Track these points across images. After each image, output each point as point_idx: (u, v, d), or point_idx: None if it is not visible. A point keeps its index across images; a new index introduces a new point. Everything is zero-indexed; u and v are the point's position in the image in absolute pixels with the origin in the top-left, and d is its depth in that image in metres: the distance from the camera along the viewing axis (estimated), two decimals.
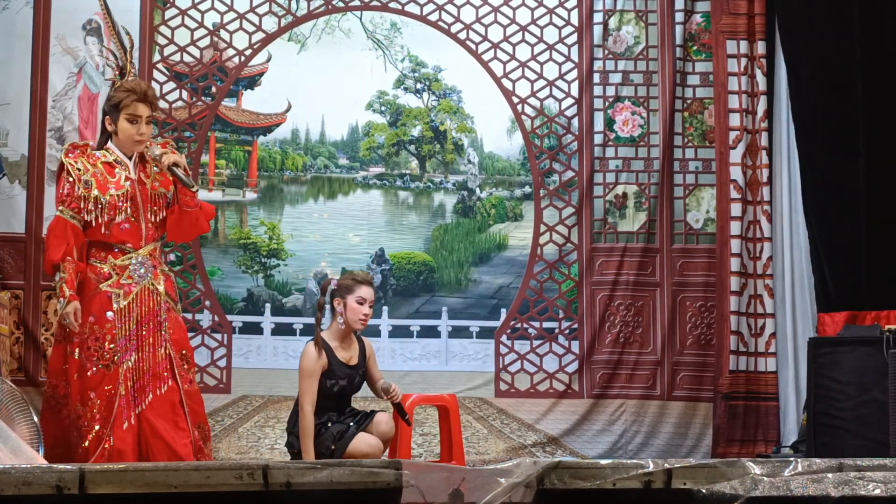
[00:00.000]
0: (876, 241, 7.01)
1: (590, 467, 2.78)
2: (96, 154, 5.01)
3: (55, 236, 4.87)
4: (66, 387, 4.89)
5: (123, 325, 4.86)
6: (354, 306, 5.53)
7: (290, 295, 7.62)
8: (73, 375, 4.85)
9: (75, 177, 4.91)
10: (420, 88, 7.92)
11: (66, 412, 4.90)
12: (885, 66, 7.07)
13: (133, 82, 5.04)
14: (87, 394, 4.80)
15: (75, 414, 4.83)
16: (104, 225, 4.89)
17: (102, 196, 4.88)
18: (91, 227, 4.90)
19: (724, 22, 7.79)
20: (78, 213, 4.87)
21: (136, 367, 4.85)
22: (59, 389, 4.92)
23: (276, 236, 7.68)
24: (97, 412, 4.78)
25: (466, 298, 7.78)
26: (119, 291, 4.88)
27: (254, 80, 7.81)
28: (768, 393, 7.60)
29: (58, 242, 4.84)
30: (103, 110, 5.07)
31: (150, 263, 4.97)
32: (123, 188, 4.93)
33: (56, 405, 4.94)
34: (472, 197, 7.91)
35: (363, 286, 5.56)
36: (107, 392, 4.79)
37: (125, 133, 4.97)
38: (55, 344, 4.99)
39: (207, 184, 7.71)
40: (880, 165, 7.04)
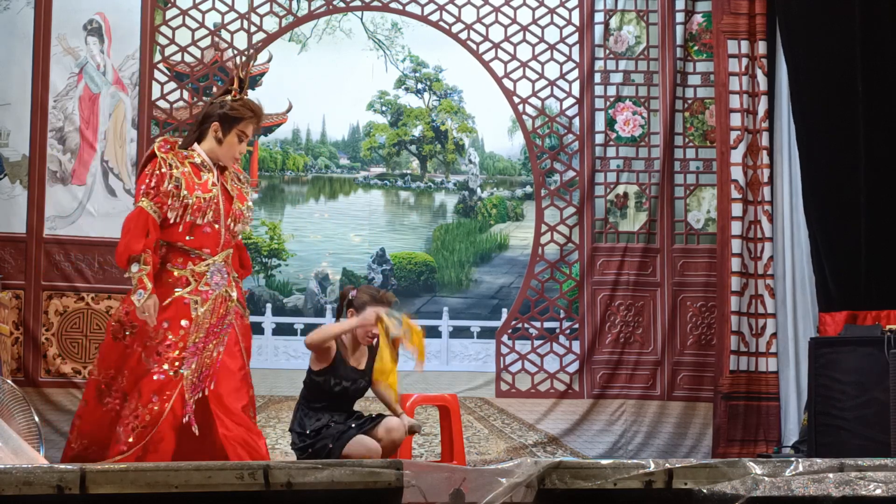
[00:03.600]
0: (876, 241, 7.01)
1: (591, 467, 2.78)
2: (183, 153, 4.86)
3: (136, 227, 4.66)
4: (122, 381, 4.71)
5: (195, 334, 4.72)
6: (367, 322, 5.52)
7: (290, 295, 7.62)
8: (136, 375, 4.67)
9: (167, 172, 4.74)
10: (421, 88, 7.92)
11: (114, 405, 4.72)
12: (886, 66, 7.06)
13: (255, 103, 4.95)
14: (150, 397, 4.65)
15: (130, 411, 4.66)
16: (187, 227, 4.75)
17: (190, 196, 4.74)
18: (170, 227, 4.74)
19: (725, 22, 7.79)
20: (160, 207, 4.70)
21: (197, 371, 4.71)
22: (117, 381, 4.73)
23: (277, 236, 7.68)
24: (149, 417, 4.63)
25: (467, 298, 7.78)
26: (197, 298, 4.74)
27: (255, 81, 7.81)
28: (769, 393, 7.60)
29: (139, 234, 4.65)
30: (212, 115, 4.86)
31: (224, 271, 4.87)
32: (211, 192, 4.81)
33: (105, 396, 4.74)
34: (473, 197, 7.91)
35: (381, 302, 5.54)
36: (166, 398, 4.65)
37: (230, 146, 4.88)
38: (115, 339, 4.74)
39: None
40: (881, 165, 7.04)
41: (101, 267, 7.40)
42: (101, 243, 7.42)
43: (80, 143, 7.45)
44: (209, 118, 4.87)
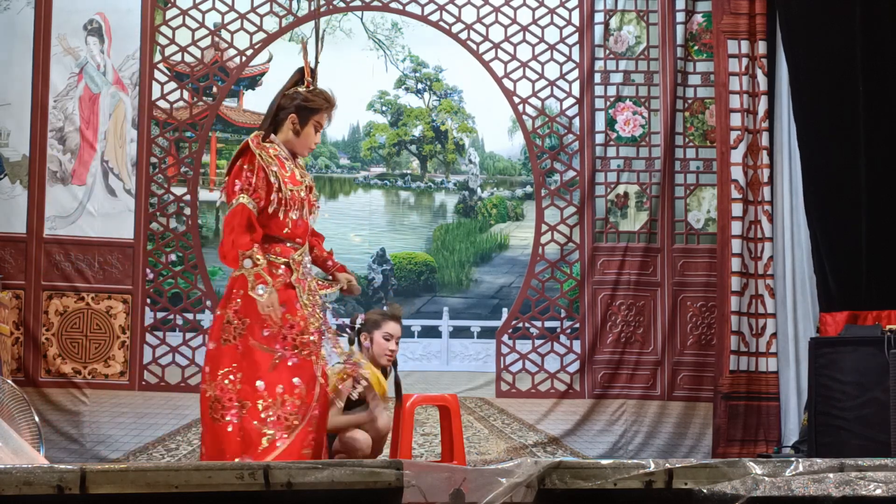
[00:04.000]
0: (877, 241, 7.01)
1: (591, 467, 2.78)
2: (266, 146, 4.78)
3: (239, 223, 4.59)
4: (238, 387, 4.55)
5: (307, 321, 4.70)
6: (381, 342, 5.52)
7: None
8: (258, 372, 4.55)
9: (263, 166, 4.67)
10: (421, 88, 7.92)
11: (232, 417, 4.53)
12: (886, 66, 7.06)
13: (330, 93, 4.95)
14: (291, 381, 4.58)
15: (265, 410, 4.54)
16: (284, 219, 4.71)
17: (284, 189, 4.70)
18: (268, 219, 4.67)
19: (725, 22, 7.79)
20: (259, 202, 4.63)
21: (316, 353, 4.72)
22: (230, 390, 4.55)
23: None
24: (299, 402, 4.57)
25: (467, 298, 7.78)
26: (300, 286, 4.74)
27: (255, 81, 7.81)
28: (769, 393, 7.60)
29: (242, 230, 4.58)
30: (288, 106, 4.82)
31: (307, 259, 4.91)
32: (301, 184, 4.81)
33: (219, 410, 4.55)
34: (474, 197, 7.91)
35: (390, 322, 5.53)
36: (308, 378, 4.62)
37: (307, 138, 4.85)
38: (223, 344, 4.58)
39: (209, 184, 7.71)
40: (881, 165, 7.04)
41: (102, 267, 7.40)
42: (102, 243, 7.42)
43: (80, 143, 7.45)
44: (285, 110, 4.83)
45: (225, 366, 4.57)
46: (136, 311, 7.44)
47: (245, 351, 4.57)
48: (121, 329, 7.40)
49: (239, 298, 4.59)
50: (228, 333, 4.60)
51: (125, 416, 7.32)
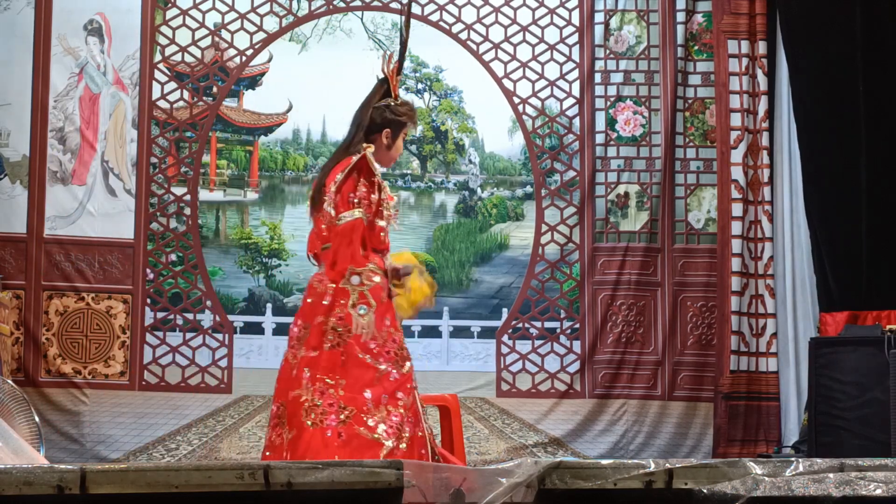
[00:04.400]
0: (877, 241, 7.01)
1: (591, 467, 2.78)
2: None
3: (356, 238, 4.57)
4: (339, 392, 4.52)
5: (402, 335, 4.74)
6: None
7: (291, 295, 7.62)
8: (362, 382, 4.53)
9: (378, 181, 4.64)
10: (421, 88, 7.92)
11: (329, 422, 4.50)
12: (887, 65, 7.06)
13: (413, 104, 4.96)
14: (395, 395, 4.57)
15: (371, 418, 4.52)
16: (384, 232, 4.70)
17: (390, 203, 4.72)
18: (374, 232, 4.64)
19: (726, 22, 7.79)
20: (370, 216, 4.60)
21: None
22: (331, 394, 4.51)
23: (278, 236, 7.68)
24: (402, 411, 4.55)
25: (468, 298, 7.78)
26: (393, 297, 4.74)
27: (255, 81, 7.81)
28: (769, 393, 7.60)
29: (360, 245, 4.56)
30: (383, 121, 4.76)
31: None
32: (393, 198, 4.79)
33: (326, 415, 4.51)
34: (474, 197, 7.91)
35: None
36: (409, 389, 4.61)
37: (397, 151, 4.84)
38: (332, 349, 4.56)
39: (209, 184, 7.71)
40: (882, 165, 7.04)
41: (102, 267, 7.41)
42: (102, 243, 7.43)
43: (80, 143, 7.45)
44: (377, 124, 4.78)
45: (326, 372, 4.55)
46: (137, 311, 7.44)
47: (348, 359, 4.56)
48: (121, 329, 7.40)
49: (342, 308, 4.56)
50: (332, 340, 4.58)
51: (125, 416, 7.33)
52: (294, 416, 4.52)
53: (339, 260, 4.54)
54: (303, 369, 4.57)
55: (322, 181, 4.69)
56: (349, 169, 4.62)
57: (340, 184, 4.61)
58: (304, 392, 4.53)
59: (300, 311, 4.71)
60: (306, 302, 4.66)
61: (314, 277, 4.69)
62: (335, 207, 4.59)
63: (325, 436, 4.46)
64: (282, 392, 4.62)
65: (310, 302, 4.64)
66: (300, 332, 4.65)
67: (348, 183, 4.61)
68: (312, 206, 4.73)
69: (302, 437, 4.48)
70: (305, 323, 4.63)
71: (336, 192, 4.59)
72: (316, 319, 4.59)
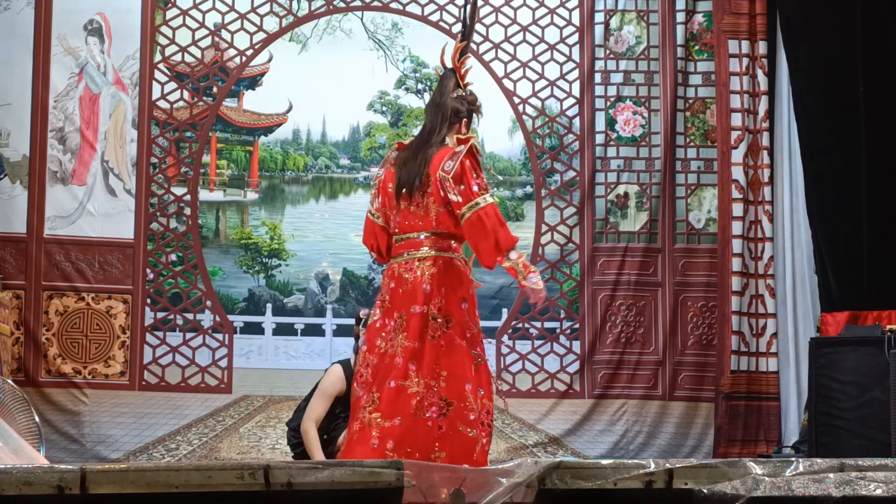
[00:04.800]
0: (878, 241, 7.00)
1: (591, 467, 2.78)
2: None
3: (501, 220, 4.69)
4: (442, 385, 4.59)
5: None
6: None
7: (291, 295, 7.62)
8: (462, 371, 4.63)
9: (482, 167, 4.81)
10: (421, 89, 7.92)
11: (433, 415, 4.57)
12: (887, 65, 7.06)
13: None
14: (490, 383, 4.72)
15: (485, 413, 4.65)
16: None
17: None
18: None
19: (726, 22, 7.79)
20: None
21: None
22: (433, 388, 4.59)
23: (278, 236, 7.68)
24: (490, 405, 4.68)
25: None
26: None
27: (255, 81, 7.81)
28: (770, 393, 7.60)
29: (505, 225, 4.69)
30: (461, 110, 4.85)
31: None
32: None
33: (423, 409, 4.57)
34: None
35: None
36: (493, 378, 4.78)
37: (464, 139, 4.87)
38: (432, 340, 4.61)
39: (209, 184, 7.71)
40: (882, 165, 7.03)
41: (102, 267, 7.41)
42: (102, 243, 7.42)
43: (80, 143, 7.45)
44: (458, 114, 4.85)
45: (429, 363, 4.59)
46: (137, 311, 7.44)
47: (448, 349, 4.61)
48: (121, 329, 7.40)
49: (441, 297, 4.63)
50: (433, 330, 4.62)
51: (125, 416, 7.33)
52: (400, 406, 4.55)
53: (501, 240, 4.61)
54: (407, 361, 4.60)
55: (423, 171, 4.69)
56: (460, 158, 4.66)
57: (456, 174, 4.65)
58: (412, 384, 4.58)
59: (393, 303, 4.68)
60: (396, 291, 4.68)
61: (400, 266, 4.71)
62: (465, 196, 4.63)
63: (426, 426, 4.54)
64: (380, 382, 4.62)
65: (401, 292, 4.67)
66: (395, 321, 4.66)
67: (466, 171, 4.66)
68: (405, 194, 4.73)
69: (407, 426, 4.54)
70: (400, 312, 4.65)
71: (455, 182, 4.64)
72: (414, 308, 4.63)
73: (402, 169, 4.78)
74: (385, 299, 4.73)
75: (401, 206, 4.75)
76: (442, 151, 4.71)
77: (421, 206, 4.72)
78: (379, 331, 4.70)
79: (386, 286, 4.74)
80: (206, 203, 7.69)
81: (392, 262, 4.78)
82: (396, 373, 4.59)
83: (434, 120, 4.83)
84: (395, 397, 4.57)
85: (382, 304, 4.75)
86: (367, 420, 4.58)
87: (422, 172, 4.69)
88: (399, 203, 4.75)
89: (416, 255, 4.71)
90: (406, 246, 4.74)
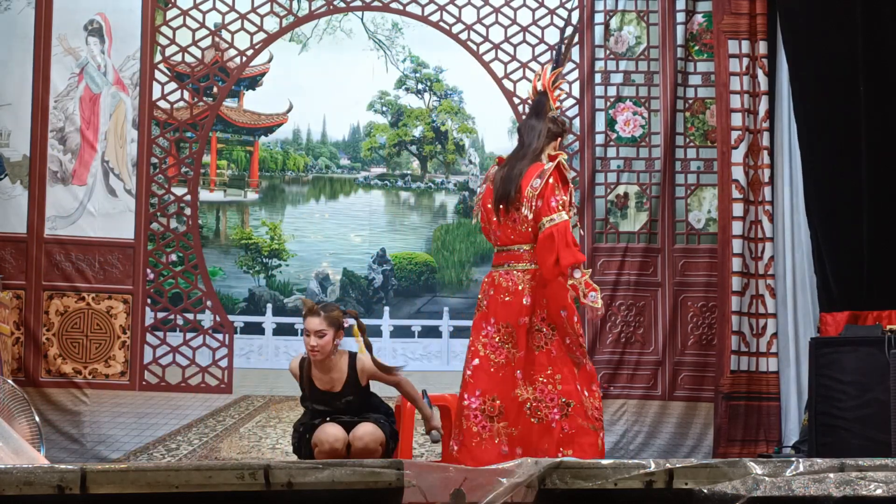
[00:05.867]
0: (878, 241, 7.00)
1: (591, 467, 2.78)
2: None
3: (571, 238, 5.08)
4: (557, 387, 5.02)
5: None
6: (305, 339, 5.50)
7: (291, 295, 7.62)
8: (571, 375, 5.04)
9: (571, 185, 5.22)
10: (421, 89, 7.92)
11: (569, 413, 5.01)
12: (887, 66, 7.06)
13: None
14: (597, 384, 5.18)
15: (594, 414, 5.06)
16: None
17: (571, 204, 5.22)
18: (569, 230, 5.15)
19: (726, 22, 7.79)
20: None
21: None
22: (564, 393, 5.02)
23: (278, 236, 7.68)
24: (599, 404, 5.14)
25: (468, 298, 7.78)
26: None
27: (255, 81, 7.81)
28: (770, 393, 7.60)
29: (574, 243, 5.09)
30: (555, 131, 5.28)
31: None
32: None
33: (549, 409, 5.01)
34: (474, 197, 7.91)
35: (306, 318, 5.47)
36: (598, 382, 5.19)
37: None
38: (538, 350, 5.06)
39: (209, 184, 7.71)
40: (883, 164, 7.03)
41: (102, 267, 7.41)
42: (102, 243, 7.42)
43: (80, 143, 7.46)
44: (552, 133, 5.26)
45: (542, 370, 5.02)
46: (137, 311, 7.44)
47: (559, 354, 5.03)
48: (121, 329, 7.40)
49: (543, 308, 5.06)
50: (540, 340, 5.04)
51: (126, 416, 7.33)
52: (517, 415, 4.98)
53: (562, 258, 4.98)
54: (523, 370, 5.02)
55: (516, 186, 5.08)
56: (547, 175, 5.08)
57: (541, 189, 5.06)
58: (523, 391, 5.01)
59: (494, 311, 5.11)
60: (495, 299, 5.12)
61: (500, 276, 5.15)
62: (538, 211, 5.04)
63: (550, 428, 4.96)
64: (501, 391, 5.03)
65: (501, 300, 5.09)
66: (500, 332, 5.09)
67: (549, 188, 5.06)
68: (502, 209, 5.13)
69: (531, 432, 4.97)
70: (506, 323, 5.07)
71: (537, 198, 5.04)
72: (520, 320, 5.03)
73: (500, 184, 5.18)
74: (483, 304, 5.19)
75: (500, 219, 5.15)
76: (533, 168, 5.11)
77: (518, 220, 5.12)
78: (478, 333, 5.14)
79: (485, 292, 5.19)
80: (207, 203, 7.69)
81: (493, 269, 5.22)
82: (515, 383, 5.01)
83: (530, 138, 5.23)
84: (520, 406, 4.98)
85: (479, 307, 5.19)
86: (496, 429, 5.01)
87: (516, 187, 5.09)
88: (498, 217, 5.15)
89: (517, 267, 5.13)
90: (507, 257, 5.17)
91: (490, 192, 5.22)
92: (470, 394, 5.05)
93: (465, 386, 5.10)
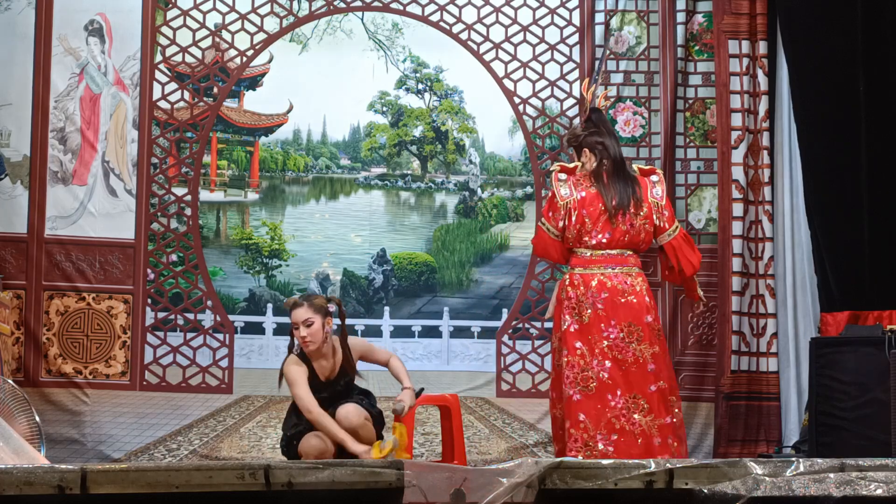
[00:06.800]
0: (879, 241, 7.00)
1: (591, 467, 2.78)
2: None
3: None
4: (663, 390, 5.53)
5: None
6: (294, 332, 5.55)
7: (291, 295, 7.62)
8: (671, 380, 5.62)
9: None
10: (421, 89, 7.92)
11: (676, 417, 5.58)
12: (887, 66, 7.06)
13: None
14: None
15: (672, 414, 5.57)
16: None
17: None
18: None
19: (726, 22, 7.79)
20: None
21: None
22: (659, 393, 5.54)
23: (278, 237, 7.68)
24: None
25: (468, 299, 7.79)
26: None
27: (255, 81, 7.82)
28: (770, 393, 7.59)
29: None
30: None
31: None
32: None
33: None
34: (474, 197, 7.91)
35: (292, 312, 5.54)
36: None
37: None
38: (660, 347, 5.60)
39: (209, 184, 7.71)
40: (883, 164, 7.03)
41: (102, 267, 7.41)
42: (102, 243, 7.43)
43: (81, 143, 7.46)
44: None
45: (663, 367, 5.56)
46: (137, 311, 7.44)
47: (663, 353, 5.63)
48: (122, 329, 7.41)
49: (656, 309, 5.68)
50: (660, 339, 5.62)
51: (126, 416, 7.33)
52: (665, 405, 5.45)
53: (694, 262, 5.73)
54: (655, 365, 5.47)
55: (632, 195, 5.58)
56: (664, 187, 5.72)
57: (666, 199, 5.67)
58: (662, 384, 5.48)
59: (613, 312, 5.48)
60: (627, 302, 5.53)
61: (610, 278, 5.54)
62: (667, 220, 5.69)
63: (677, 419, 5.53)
64: (639, 387, 5.43)
65: (635, 302, 5.50)
66: (624, 331, 5.47)
67: (667, 198, 5.69)
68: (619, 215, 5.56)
69: (673, 420, 5.47)
70: (629, 322, 5.46)
71: (665, 207, 5.67)
72: (646, 319, 5.50)
73: (613, 191, 5.55)
74: (588, 308, 5.47)
75: (614, 224, 5.52)
76: (641, 178, 5.67)
77: (634, 226, 5.56)
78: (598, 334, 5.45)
79: (591, 294, 5.50)
80: (207, 203, 7.69)
81: (591, 272, 5.54)
82: (651, 377, 5.44)
83: (616, 150, 5.68)
84: (660, 399, 5.41)
85: (580, 311, 5.48)
86: (646, 424, 5.37)
87: (634, 195, 5.56)
88: (613, 221, 5.51)
89: (629, 271, 5.57)
90: (611, 260, 5.56)
91: (591, 197, 5.55)
92: (612, 395, 5.37)
93: (604, 387, 5.37)
